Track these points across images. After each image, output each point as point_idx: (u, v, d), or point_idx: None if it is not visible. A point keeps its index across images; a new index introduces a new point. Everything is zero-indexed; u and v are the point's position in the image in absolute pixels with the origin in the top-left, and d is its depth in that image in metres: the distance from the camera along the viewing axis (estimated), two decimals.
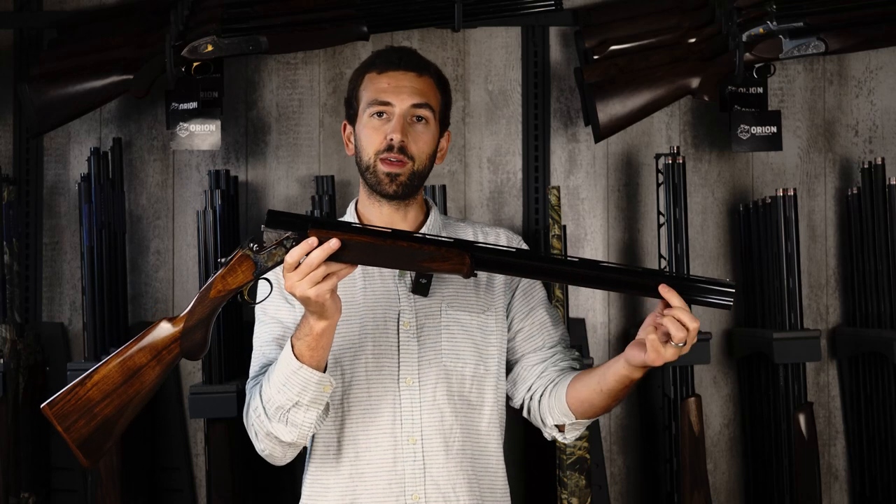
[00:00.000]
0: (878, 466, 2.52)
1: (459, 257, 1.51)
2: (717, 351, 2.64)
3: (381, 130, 1.66)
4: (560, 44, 2.64)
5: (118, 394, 1.54)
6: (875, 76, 2.69)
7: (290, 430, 1.57)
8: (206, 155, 2.61)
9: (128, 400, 1.54)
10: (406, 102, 1.66)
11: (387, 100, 1.66)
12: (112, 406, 1.54)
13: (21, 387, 2.43)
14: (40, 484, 2.49)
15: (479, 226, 1.82)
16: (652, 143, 2.66)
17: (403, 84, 1.67)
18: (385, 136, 1.65)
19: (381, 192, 1.68)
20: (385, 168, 1.65)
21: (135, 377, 1.54)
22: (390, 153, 1.65)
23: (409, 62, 1.70)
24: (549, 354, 1.75)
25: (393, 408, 1.64)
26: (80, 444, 1.55)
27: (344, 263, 1.48)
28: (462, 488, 1.66)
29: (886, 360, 2.42)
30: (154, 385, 1.55)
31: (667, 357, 1.50)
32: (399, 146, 1.64)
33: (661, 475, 2.52)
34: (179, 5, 2.38)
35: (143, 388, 1.55)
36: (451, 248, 1.51)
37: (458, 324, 1.68)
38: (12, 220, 2.48)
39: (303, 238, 1.48)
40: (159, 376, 1.55)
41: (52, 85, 2.35)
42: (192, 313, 1.55)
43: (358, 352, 1.65)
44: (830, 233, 2.68)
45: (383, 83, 1.67)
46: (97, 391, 1.53)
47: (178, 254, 2.62)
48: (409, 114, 1.66)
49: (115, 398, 1.54)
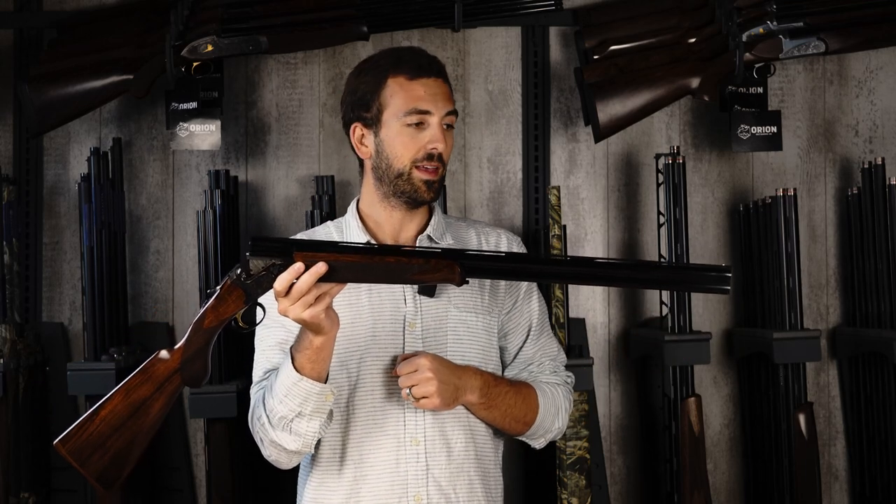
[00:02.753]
0: (878, 466, 2.52)
1: (449, 267, 1.52)
2: (717, 351, 2.64)
3: (417, 139, 1.65)
4: (560, 44, 2.64)
5: (127, 427, 1.55)
6: (875, 76, 2.69)
7: (294, 438, 1.57)
8: (206, 155, 2.61)
9: (137, 432, 1.55)
10: (442, 111, 1.66)
11: (426, 108, 1.65)
12: (123, 439, 1.55)
13: (21, 387, 2.43)
14: (40, 484, 2.49)
15: (480, 226, 1.82)
16: (652, 143, 2.66)
17: (437, 91, 1.67)
18: (423, 145, 1.64)
19: (416, 199, 1.68)
20: (423, 176, 1.65)
21: (140, 410, 1.55)
22: (429, 162, 1.65)
23: (438, 68, 1.70)
24: (519, 369, 1.76)
25: (397, 409, 1.65)
26: (98, 477, 1.55)
27: (334, 282, 1.48)
28: (463, 490, 1.66)
29: (886, 360, 2.42)
30: (160, 415, 1.56)
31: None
32: (439, 154, 1.65)
33: (661, 475, 2.52)
34: (179, 5, 2.38)
35: (150, 419, 1.56)
36: (440, 259, 1.52)
37: (465, 325, 1.68)
38: (12, 220, 2.48)
39: (289, 263, 1.48)
40: (164, 406, 1.56)
41: (52, 85, 2.35)
42: (188, 344, 1.56)
43: (364, 353, 1.65)
44: (830, 233, 2.68)
45: (419, 90, 1.66)
46: (106, 426, 1.54)
47: (178, 254, 2.62)
48: (442, 122, 1.67)
49: (125, 431, 1.55)
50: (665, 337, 2.38)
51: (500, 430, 1.71)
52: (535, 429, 1.71)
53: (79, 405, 2.53)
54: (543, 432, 1.73)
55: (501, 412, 1.66)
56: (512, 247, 1.78)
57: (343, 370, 1.65)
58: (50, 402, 2.53)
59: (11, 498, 2.38)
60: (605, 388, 2.64)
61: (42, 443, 2.50)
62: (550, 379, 1.75)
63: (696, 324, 2.50)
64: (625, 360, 2.65)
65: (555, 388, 1.74)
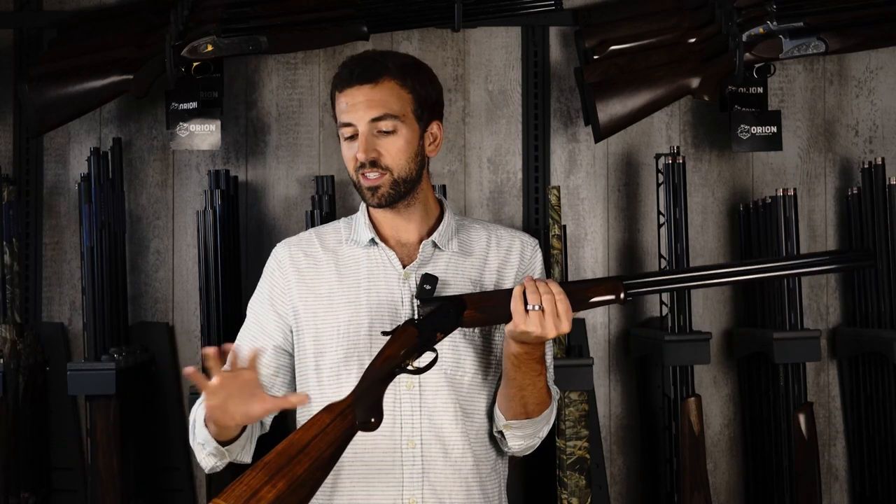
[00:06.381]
0: (878, 466, 2.52)
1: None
2: (717, 351, 2.64)
3: (352, 149, 1.66)
4: (560, 44, 2.64)
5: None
6: (875, 76, 2.69)
7: (200, 459, 1.62)
8: (205, 155, 2.61)
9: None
10: (364, 120, 1.64)
11: (347, 121, 1.65)
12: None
13: (21, 387, 2.43)
14: (40, 484, 2.49)
15: (493, 229, 1.78)
16: (652, 143, 2.66)
17: (358, 101, 1.64)
18: (354, 155, 1.65)
19: (370, 204, 1.69)
20: (365, 183, 1.65)
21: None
22: (364, 169, 1.65)
23: (361, 74, 1.65)
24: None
25: (393, 412, 1.64)
26: None
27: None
28: (459, 494, 1.65)
29: (886, 360, 2.42)
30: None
31: (529, 322, 1.54)
32: (370, 162, 1.64)
33: (661, 475, 2.52)
34: (179, 5, 2.38)
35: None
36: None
37: (462, 331, 1.68)
38: (12, 220, 2.48)
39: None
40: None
41: (52, 85, 2.35)
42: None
43: (361, 356, 1.65)
44: (830, 233, 2.68)
45: (342, 103, 1.66)
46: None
47: (178, 254, 2.62)
48: (372, 129, 1.64)
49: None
50: (665, 337, 2.38)
51: (503, 404, 1.67)
52: (531, 423, 1.68)
53: (79, 405, 2.54)
54: (532, 432, 1.70)
55: (531, 380, 1.62)
56: (525, 251, 1.76)
57: (340, 372, 1.65)
58: (50, 402, 2.53)
59: (11, 498, 2.38)
60: (605, 388, 2.64)
61: (42, 443, 2.50)
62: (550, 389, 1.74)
63: (696, 324, 2.50)
64: (625, 360, 2.65)
65: (553, 401, 1.73)
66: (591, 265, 2.64)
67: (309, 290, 1.69)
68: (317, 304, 1.68)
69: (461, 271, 1.70)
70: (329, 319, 1.67)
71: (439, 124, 1.72)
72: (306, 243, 1.74)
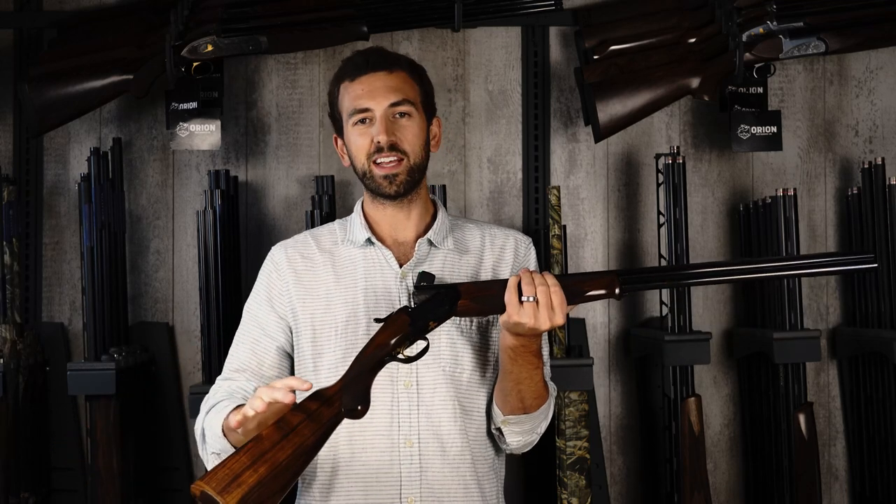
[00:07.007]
0: (878, 466, 2.52)
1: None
2: (717, 351, 2.64)
3: (367, 135, 1.66)
4: (560, 44, 2.64)
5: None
6: (875, 76, 2.69)
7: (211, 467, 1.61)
8: (205, 155, 2.61)
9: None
10: (384, 103, 1.65)
11: (365, 106, 1.66)
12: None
13: (21, 387, 2.43)
14: (40, 484, 2.49)
15: (486, 227, 1.79)
16: (652, 143, 2.66)
17: (377, 85, 1.66)
18: (371, 139, 1.65)
19: (383, 195, 1.68)
20: (380, 171, 1.65)
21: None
22: (381, 154, 1.65)
23: (377, 62, 1.68)
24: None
25: (391, 410, 1.64)
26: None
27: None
28: (458, 492, 1.65)
29: (886, 360, 2.42)
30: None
31: (523, 313, 1.53)
32: (389, 145, 1.64)
33: (661, 475, 2.52)
34: (179, 5, 2.38)
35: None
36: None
37: (459, 328, 1.68)
38: (12, 220, 2.48)
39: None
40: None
41: (52, 85, 2.35)
42: None
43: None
44: (830, 233, 2.68)
45: (358, 90, 1.67)
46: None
47: (178, 254, 2.62)
48: (390, 113, 1.66)
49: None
50: (665, 337, 2.38)
51: (500, 399, 1.67)
52: (529, 418, 1.68)
53: (79, 405, 2.54)
54: (530, 428, 1.70)
55: (528, 373, 1.62)
56: (519, 249, 1.76)
57: (339, 371, 1.65)
58: (50, 402, 2.53)
59: (11, 498, 2.38)
60: (605, 388, 2.64)
61: (42, 443, 2.50)
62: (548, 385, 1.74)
63: (696, 324, 2.50)
64: (625, 360, 2.65)
65: (550, 396, 1.73)
66: (591, 265, 2.64)
67: (307, 291, 1.69)
68: (314, 304, 1.68)
69: (457, 269, 1.70)
70: (327, 320, 1.67)
71: (439, 122, 1.76)
72: (302, 245, 1.74)
